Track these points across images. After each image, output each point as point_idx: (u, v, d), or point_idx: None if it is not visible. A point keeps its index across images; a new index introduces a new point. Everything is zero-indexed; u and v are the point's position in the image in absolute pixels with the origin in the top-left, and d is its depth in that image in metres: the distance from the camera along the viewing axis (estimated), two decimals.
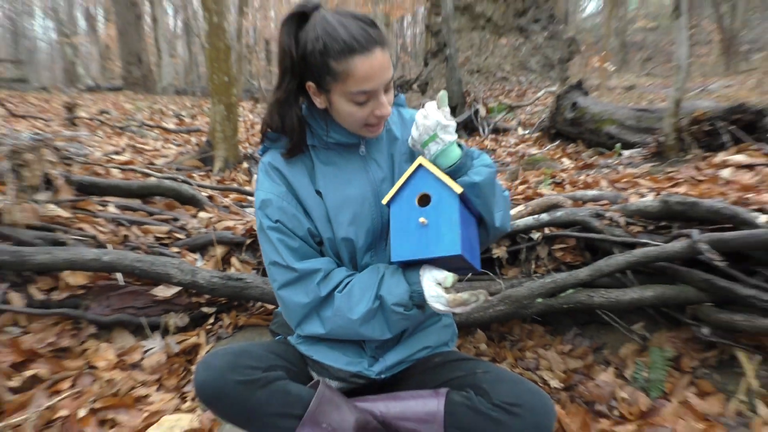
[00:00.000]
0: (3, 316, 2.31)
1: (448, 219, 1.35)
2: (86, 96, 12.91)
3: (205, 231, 2.84)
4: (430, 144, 1.41)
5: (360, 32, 1.34)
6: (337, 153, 1.55)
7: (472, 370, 1.49)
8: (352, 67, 1.34)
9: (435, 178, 1.37)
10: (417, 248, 1.36)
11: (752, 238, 2.02)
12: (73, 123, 6.88)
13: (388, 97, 1.44)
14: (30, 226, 2.55)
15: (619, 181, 3.37)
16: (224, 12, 4.86)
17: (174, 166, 4.87)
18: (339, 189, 1.52)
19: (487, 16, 13.19)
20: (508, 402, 1.35)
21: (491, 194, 1.45)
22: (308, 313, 1.47)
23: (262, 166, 1.54)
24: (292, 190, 1.51)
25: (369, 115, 1.42)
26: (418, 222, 1.37)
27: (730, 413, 1.99)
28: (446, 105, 1.42)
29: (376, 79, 1.37)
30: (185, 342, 2.35)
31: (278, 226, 1.47)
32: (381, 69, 1.37)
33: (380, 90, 1.39)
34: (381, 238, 1.56)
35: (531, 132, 7.06)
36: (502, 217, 1.51)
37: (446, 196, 1.36)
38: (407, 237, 1.38)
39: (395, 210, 1.41)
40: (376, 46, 1.35)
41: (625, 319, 2.38)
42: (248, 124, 8.45)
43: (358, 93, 1.38)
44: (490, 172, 1.43)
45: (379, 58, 1.36)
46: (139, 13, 15.82)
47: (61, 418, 1.96)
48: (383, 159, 1.58)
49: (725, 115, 3.84)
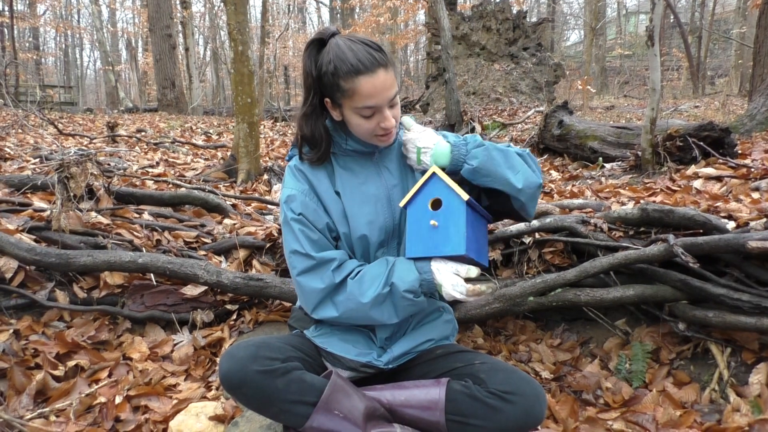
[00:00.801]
0: (50, 312, 2.30)
1: (456, 223, 1.38)
2: (126, 116, 12.96)
3: (229, 236, 2.82)
4: (422, 157, 1.45)
5: (365, 56, 1.37)
6: (354, 159, 1.57)
7: (470, 361, 1.48)
8: (357, 86, 1.37)
9: (445, 185, 1.40)
10: (428, 247, 1.41)
11: (722, 242, 2.01)
12: (114, 140, 6.89)
13: (393, 111, 1.44)
14: (74, 231, 2.55)
15: (602, 191, 3.34)
16: (248, 42, 4.86)
17: (202, 177, 4.86)
18: (356, 190, 1.54)
19: (481, 44, 13.19)
20: (503, 390, 1.35)
21: (496, 167, 1.44)
22: (323, 298, 1.47)
23: (288, 168, 1.58)
24: (313, 189, 1.53)
25: (376, 127, 1.44)
26: (429, 224, 1.40)
27: (705, 401, 1.98)
28: (411, 122, 1.49)
29: (379, 96, 1.39)
30: (211, 336, 2.33)
31: (300, 218, 1.48)
32: (383, 87, 1.39)
33: (384, 105, 1.41)
34: (392, 236, 1.56)
35: (522, 147, 7.03)
36: (523, 177, 1.47)
37: (455, 202, 1.39)
38: (420, 237, 1.42)
39: (411, 212, 1.45)
40: (379, 67, 1.37)
41: (608, 315, 2.36)
42: (268, 141, 8.45)
43: (363, 108, 1.40)
44: (483, 151, 1.44)
45: (381, 78, 1.38)
46: (174, 43, 15.90)
47: (100, 404, 1.95)
48: (394, 167, 1.59)
49: (695, 132, 3.81)
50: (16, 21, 18.36)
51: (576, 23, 34.87)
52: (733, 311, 2.00)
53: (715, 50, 22.46)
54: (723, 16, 23.00)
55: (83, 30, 30.29)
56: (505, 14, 13.12)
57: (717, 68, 21.52)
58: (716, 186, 3.04)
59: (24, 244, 2.31)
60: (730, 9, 20.80)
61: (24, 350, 2.10)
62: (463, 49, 13.26)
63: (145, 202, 3.15)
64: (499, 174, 1.44)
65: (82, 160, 2.68)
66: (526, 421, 1.35)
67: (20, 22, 22.24)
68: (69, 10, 31.79)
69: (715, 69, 21.35)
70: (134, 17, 30.52)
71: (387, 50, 1.45)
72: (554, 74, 12.60)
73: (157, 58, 15.71)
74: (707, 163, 3.62)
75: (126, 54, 32.72)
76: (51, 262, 2.29)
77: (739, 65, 15.06)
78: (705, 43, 17.44)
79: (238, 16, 4.73)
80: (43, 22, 27.16)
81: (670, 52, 21.22)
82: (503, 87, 12.19)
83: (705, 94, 14.73)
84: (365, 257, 1.56)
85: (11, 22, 16.41)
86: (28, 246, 2.30)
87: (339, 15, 28.71)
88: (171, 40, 15.68)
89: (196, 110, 15.90)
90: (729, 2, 22.20)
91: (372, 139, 1.49)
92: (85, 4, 28.79)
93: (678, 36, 19.61)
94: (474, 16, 13.36)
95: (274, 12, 27.79)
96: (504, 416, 1.34)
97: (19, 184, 3.00)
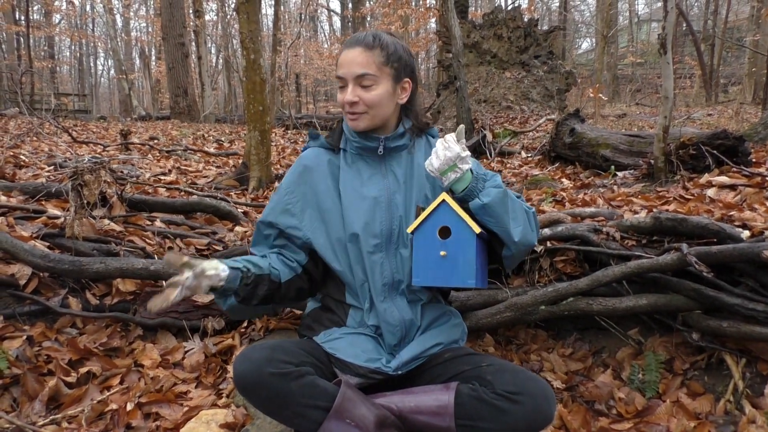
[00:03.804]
0: (63, 318, 2.32)
1: (465, 254, 1.41)
2: (139, 124, 13.08)
3: (241, 243, 2.83)
4: (449, 173, 1.44)
5: (358, 35, 1.57)
6: (361, 158, 1.64)
7: (477, 364, 1.48)
8: (339, 57, 1.57)
9: (456, 214, 1.41)
10: (436, 277, 1.44)
11: (736, 251, 1.99)
12: (127, 148, 6.95)
13: (362, 93, 1.54)
14: (87, 238, 2.56)
15: (614, 200, 3.32)
16: (260, 50, 4.90)
17: (213, 185, 4.89)
18: (356, 189, 1.60)
19: (492, 52, 13.20)
20: (509, 390, 1.34)
21: (503, 212, 1.45)
22: None
23: (297, 160, 1.71)
24: (310, 184, 1.64)
25: (343, 101, 1.56)
26: (438, 254, 1.42)
27: (719, 412, 1.95)
28: (464, 138, 1.46)
29: (346, 68, 1.54)
30: (221, 344, 2.34)
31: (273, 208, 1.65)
32: (352, 61, 1.53)
33: (349, 79, 1.54)
34: (390, 241, 1.57)
35: (533, 155, 7.00)
36: (522, 232, 1.49)
37: (465, 234, 1.41)
38: (428, 265, 1.44)
39: (418, 238, 1.46)
40: (359, 45, 1.53)
41: (621, 325, 2.33)
42: (280, 148, 8.48)
43: (337, 77, 1.56)
44: (498, 192, 1.45)
45: (356, 53, 1.53)
46: (186, 52, 16.04)
47: (111, 411, 1.95)
48: (401, 173, 1.62)
49: (709, 140, 3.78)
50: (32, 30, 18.61)
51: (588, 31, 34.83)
52: (747, 321, 1.97)
53: (729, 58, 22.31)
54: (736, 23, 22.85)
55: (98, 39, 30.62)
56: (517, 22, 13.12)
57: (730, 76, 21.39)
58: (730, 195, 3.01)
59: (38, 251, 2.33)
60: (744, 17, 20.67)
61: (37, 356, 2.12)
62: (474, 57, 13.27)
63: (157, 210, 3.17)
64: (503, 220, 1.46)
65: (95, 167, 2.70)
66: (536, 419, 1.34)
67: (36, 31, 22.53)
68: (84, 19, 32.18)
69: (729, 77, 21.21)
70: (148, 26, 30.82)
71: (396, 52, 1.56)
72: (566, 82, 12.57)
73: (170, 67, 15.85)
74: (721, 171, 3.59)
75: (139, 62, 33.05)
76: (64, 269, 2.31)
77: (752, 73, 14.94)
78: (718, 50, 17.33)
79: (251, 25, 4.77)
80: (58, 31, 27.49)
81: (682, 60, 21.12)
82: (514, 95, 12.18)
83: (718, 102, 14.63)
84: (359, 263, 1.57)
85: (27, 31, 16.63)
86: (42, 253, 2.32)
87: (350, 24, 28.85)
88: (184, 48, 15.83)
89: (208, 118, 15.99)
90: (742, 10, 22.07)
91: (346, 117, 1.60)
92: (99, 14, 29.17)
93: (690, 44, 19.53)
94: (485, 25, 13.38)
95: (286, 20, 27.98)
96: (512, 417, 1.33)
97: (34, 191, 3.04)
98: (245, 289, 1.50)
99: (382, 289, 1.57)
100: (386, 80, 1.55)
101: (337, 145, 1.67)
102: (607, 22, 13.83)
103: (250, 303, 1.54)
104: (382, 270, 1.56)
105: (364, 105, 1.54)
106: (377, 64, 1.53)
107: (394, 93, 1.59)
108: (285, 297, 1.63)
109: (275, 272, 1.57)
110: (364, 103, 1.54)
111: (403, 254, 1.58)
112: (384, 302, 1.57)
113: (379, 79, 1.54)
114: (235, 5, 5.53)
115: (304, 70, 29.00)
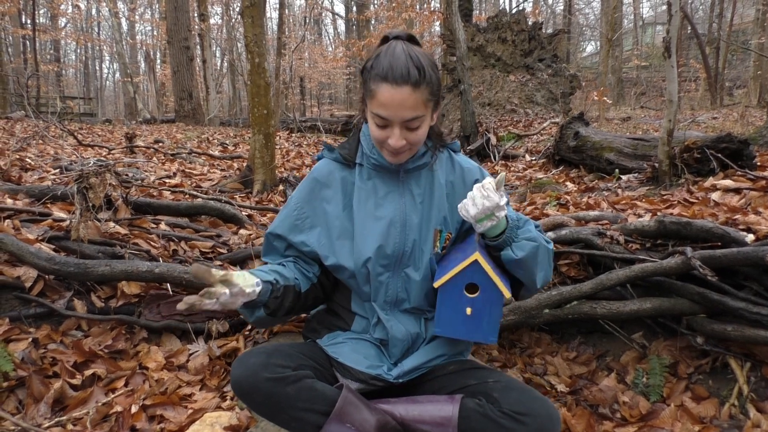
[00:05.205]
0: (68, 320, 2.32)
1: (490, 314, 1.41)
2: (144, 127, 13.13)
3: (245, 246, 2.84)
4: (486, 221, 1.39)
5: (401, 67, 1.35)
6: (378, 174, 1.58)
7: (484, 379, 1.46)
8: (378, 90, 1.37)
9: (487, 276, 1.37)
10: (458, 331, 1.43)
11: (741, 255, 1.98)
12: (132, 151, 6.99)
13: (410, 135, 1.43)
14: (93, 241, 2.57)
15: (618, 203, 3.32)
16: (264, 54, 4.91)
17: (218, 188, 4.91)
18: (370, 211, 1.54)
19: (497, 56, 13.21)
20: (516, 410, 1.32)
21: (534, 265, 1.44)
22: None
23: (309, 174, 1.64)
24: (320, 201, 1.59)
25: (384, 140, 1.44)
26: (464, 310, 1.40)
27: (724, 416, 1.95)
28: (503, 185, 1.40)
29: (392, 110, 1.38)
30: (226, 346, 2.34)
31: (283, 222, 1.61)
32: (400, 104, 1.37)
33: (396, 122, 1.40)
34: (399, 263, 1.54)
35: (537, 158, 7.00)
36: (544, 277, 1.50)
37: (494, 295, 1.39)
38: (453, 318, 1.43)
39: (445, 292, 1.43)
40: (406, 84, 1.35)
41: (625, 328, 2.33)
42: (284, 152, 8.51)
43: (375, 115, 1.40)
44: (532, 247, 1.43)
45: (404, 94, 1.36)
46: (191, 55, 16.11)
47: (116, 413, 1.96)
48: (419, 192, 1.57)
49: (713, 144, 3.78)
50: (38, 33, 18.72)
51: (592, 34, 34.83)
52: (752, 325, 1.96)
53: (734, 61, 22.27)
54: (741, 26, 22.81)
55: (103, 42, 30.81)
56: (521, 26, 13.14)
57: (735, 79, 21.34)
58: (735, 198, 3.01)
59: (43, 253, 2.34)
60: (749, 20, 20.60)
61: (42, 359, 2.13)
62: (479, 60, 13.28)
63: (162, 213, 3.18)
64: (531, 272, 1.45)
65: (100, 170, 2.72)
66: None
67: (42, 35, 22.67)
68: (89, 23, 32.39)
69: (734, 80, 21.16)
70: (153, 30, 30.98)
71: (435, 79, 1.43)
72: (570, 85, 12.56)
73: (175, 70, 15.93)
74: (725, 175, 3.58)
75: (144, 66, 33.22)
76: (70, 271, 2.32)
77: (757, 76, 14.88)
78: (723, 53, 17.29)
79: (255, 29, 4.79)
80: (64, 35, 27.68)
81: (687, 63, 21.07)
82: (519, 98, 12.18)
83: (723, 106, 14.58)
84: (367, 283, 1.55)
85: (33, 35, 16.75)
86: (47, 255, 2.33)
87: (355, 27, 28.92)
88: (189, 52, 15.90)
89: (212, 121, 16.07)
90: (747, 13, 22.01)
91: (382, 150, 1.50)
92: (105, 17, 29.31)
93: (695, 47, 19.48)
94: (489, 28, 13.40)
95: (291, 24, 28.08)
96: None
97: (40, 194, 3.06)
98: (275, 302, 1.46)
99: (383, 305, 1.56)
100: (429, 114, 1.47)
101: (352, 159, 1.60)
102: (612, 25, 13.80)
103: (278, 314, 1.50)
104: (387, 289, 1.55)
105: (410, 144, 1.46)
106: (424, 102, 1.41)
107: (432, 121, 1.53)
108: (303, 307, 1.62)
109: (298, 282, 1.55)
110: (410, 143, 1.45)
111: (409, 275, 1.54)
112: (388, 318, 1.55)
113: (425, 117, 1.44)
114: (240, 9, 5.56)
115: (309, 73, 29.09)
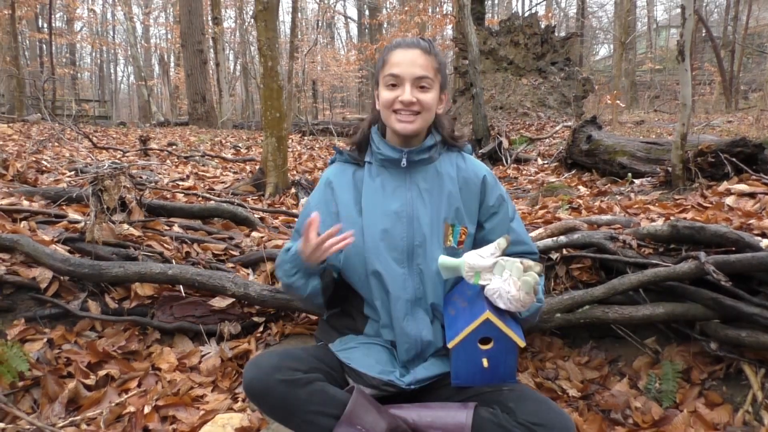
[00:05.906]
0: (82, 321, 2.35)
1: (506, 361, 1.43)
2: (158, 130, 13.24)
3: (257, 249, 2.85)
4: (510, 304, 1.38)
5: (411, 39, 1.52)
6: (386, 170, 1.62)
7: (498, 388, 1.45)
8: (390, 56, 1.53)
9: (500, 331, 1.38)
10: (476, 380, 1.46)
11: (755, 260, 1.97)
12: (146, 153, 7.04)
13: (420, 95, 1.51)
14: (107, 243, 2.60)
15: (631, 207, 3.30)
16: (277, 57, 4.94)
17: (231, 191, 4.93)
18: (378, 204, 1.58)
19: (509, 59, 13.19)
20: (531, 421, 1.31)
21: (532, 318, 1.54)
22: None
23: (323, 176, 1.70)
24: (333, 201, 1.63)
25: (395, 100, 1.51)
26: (481, 362, 1.42)
27: (738, 423, 1.93)
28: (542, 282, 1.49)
29: (404, 67, 1.50)
30: (238, 348, 2.36)
31: (303, 220, 1.59)
32: (412, 62, 1.50)
33: (407, 79, 1.50)
34: (410, 257, 1.56)
35: (549, 162, 6.98)
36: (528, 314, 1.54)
37: (508, 345, 1.41)
38: (470, 371, 1.45)
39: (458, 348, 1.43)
40: (417, 47, 1.51)
41: (638, 333, 2.31)
42: (296, 155, 8.54)
43: (388, 75, 1.51)
44: (538, 308, 1.51)
45: (415, 54, 1.50)
46: (205, 59, 16.24)
47: (129, 414, 1.98)
48: (426, 187, 1.60)
49: (728, 148, 3.74)
50: (54, 37, 18.94)
51: (605, 37, 34.65)
52: (766, 331, 1.94)
53: (749, 64, 22.02)
54: (757, 30, 22.61)
55: (118, 46, 31.13)
56: (533, 29, 13.11)
57: (750, 83, 21.12)
58: (749, 203, 2.98)
59: (59, 254, 2.37)
60: (764, 23, 20.46)
61: (57, 359, 2.15)
62: (491, 63, 13.26)
63: (175, 215, 3.20)
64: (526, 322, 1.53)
65: (115, 173, 2.74)
66: None
67: (58, 39, 22.94)
68: (104, 27, 32.73)
69: (749, 83, 20.95)
70: (167, 33, 31.23)
71: (443, 62, 1.58)
72: (583, 89, 12.51)
73: (189, 73, 16.05)
74: (740, 179, 3.55)
75: (159, 69, 33.51)
76: (84, 272, 2.34)
77: None
78: (738, 57, 17.13)
79: (268, 33, 4.81)
80: (80, 39, 27.98)
81: (702, 67, 20.91)
82: (531, 101, 12.15)
83: (738, 109, 14.44)
84: (379, 286, 1.56)
85: (50, 39, 16.95)
86: (62, 257, 2.36)
87: (367, 30, 28.98)
88: (202, 55, 16.02)
89: (225, 124, 16.16)
90: (763, 16, 21.83)
91: (390, 118, 1.55)
92: (120, 21, 29.63)
93: (710, 50, 19.32)
94: (502, 31, 13.38)
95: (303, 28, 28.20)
96: None
97: (55, 196, 3.09)
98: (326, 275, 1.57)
99: (405, 304, 1.54)
100: (436, 87, 1.55)
101: (362, 159, 1.65)
102: (625, 28, 13.74)
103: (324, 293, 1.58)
104: (405, 286, 1.54)
105: (420, 106, 1.51)
106: (433, 69, 1.53)
107: (438, 102, 1.58)
108: (328, 298, 1.64)
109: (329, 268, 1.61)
110: (420, 104, 1.51)
111: (424, 270, 1.55)
112: (405, 318, 1.54)
113: (434, 85, 1.53)
114: (253, 13, 5.59)
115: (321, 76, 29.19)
